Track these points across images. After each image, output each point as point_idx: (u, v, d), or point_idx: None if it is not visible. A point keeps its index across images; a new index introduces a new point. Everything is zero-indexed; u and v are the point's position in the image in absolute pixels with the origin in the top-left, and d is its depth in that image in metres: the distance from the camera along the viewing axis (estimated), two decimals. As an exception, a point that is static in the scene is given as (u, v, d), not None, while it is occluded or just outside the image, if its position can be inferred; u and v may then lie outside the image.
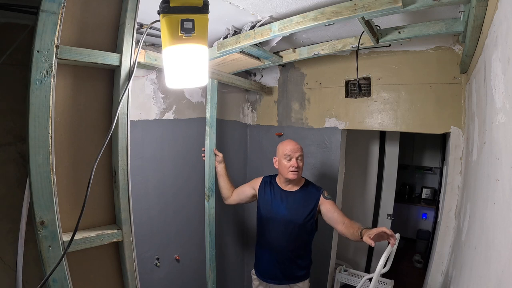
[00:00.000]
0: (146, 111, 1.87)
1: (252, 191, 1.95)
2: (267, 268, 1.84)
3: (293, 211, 1.76)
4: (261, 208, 1.87)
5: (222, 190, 2.05)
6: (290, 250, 1.78)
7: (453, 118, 1.82)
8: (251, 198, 1.97)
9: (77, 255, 0.99)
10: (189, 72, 1.06)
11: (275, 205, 1.81)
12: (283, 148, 1.79)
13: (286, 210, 1.77)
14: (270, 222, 1.81)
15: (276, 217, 1.78)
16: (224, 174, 2.05)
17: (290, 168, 1.74)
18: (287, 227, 1.75)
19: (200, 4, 0.96)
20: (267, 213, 1.82)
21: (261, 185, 1.92)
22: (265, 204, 1.85)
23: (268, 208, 1.82)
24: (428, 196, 4.60)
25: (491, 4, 0.90)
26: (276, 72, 2.56)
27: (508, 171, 0.71)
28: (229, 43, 1.67)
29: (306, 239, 1.81)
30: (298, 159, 1.75)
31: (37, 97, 0.84)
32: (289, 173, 1.74)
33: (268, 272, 1.84)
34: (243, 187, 2.01)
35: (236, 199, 2.02)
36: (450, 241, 1.84)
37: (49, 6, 0.84)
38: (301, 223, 1.74)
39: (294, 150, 1.76)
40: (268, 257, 1.83)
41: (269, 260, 1.82)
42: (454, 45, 1.82)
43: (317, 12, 1.33)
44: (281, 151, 1.79)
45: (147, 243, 1.90)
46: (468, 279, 1.09)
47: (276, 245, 1.79)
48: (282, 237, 1.77)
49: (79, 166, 1.03)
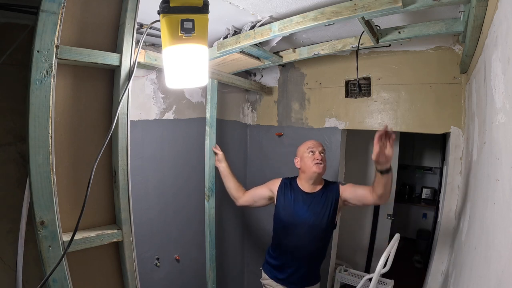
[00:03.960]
0: (146, 111, 1.87)
1: (268, 193, 1.82)
2: (288, 273, 1.73)
3: (317, 214, 1.66)
4: (281, 212, 1.75)
5: (230, 191, 1.95)
6: (312, 254, 1.70)
7: (453, 118, 1.82)
8: (267, 201, 1.85)
9: (77, 255, 0.99)
10: (189, 72, 1.06)
11: (297, 208, 1.70)
12: (304, 145, 1.75)
13: (310, 213, 1.67)
14: (292, 227, 1.69)
15: (299, 221, 1.67)
16: (228, 173, 1.96)
17: (314, 161, 1.66)
18: (312, 231, 1.66)
19: (200, 4, 0.96)
20: (288, 217, 1.71)
21: (280, 187, 1.79)
22: (286, 208, 1.73)
23: (290, 212, 1.71)
24: (428, 196, 4.60)
25: (491, 4, 0.90)
26: (276, 72, 2.56)
27: (508, 171, 0.71)
28: (229, 43, 1.67)
29: (327, 240, 1.74)
30: (321, 153, 1.70)
31: (37, 97, 0.84)
32: (314, 166, 1.65)
33: (289, 277, 1.73)
34: (257, 189, 1.89)
35: (249, 200, 1.90)
36: (450, 241, 1.83)
37: (49, 6, 0.84)
38: (325, 226, 1.67)
39: (316, 144, 1.72)
40: (289, 262, 1.72)
41: (290, 265, 1.72)
42: (454, 45, 1.82)
43: (317, 12, 1.33)
44: (302, 148, 1.74)
45: (147, 243, 1.90)
46: (468, 279, 1.09)
47: (299, 249, 1.69)
48: (305, 242, 1.67)
49: (79, 166, 1.03)
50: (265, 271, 1.86)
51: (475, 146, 1.31)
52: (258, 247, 2.74)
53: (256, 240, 2.77)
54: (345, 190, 1.68)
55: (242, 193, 1.92)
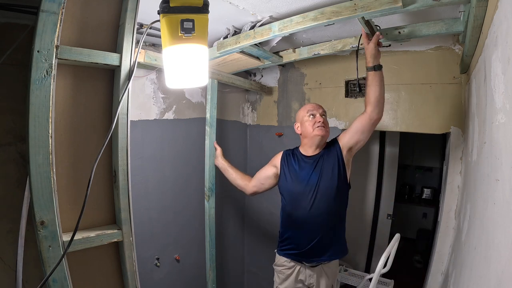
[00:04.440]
0: (146, 111, 1.87)
1: (273, 170, 1.74)
2: (307, 244, 1.60)
3: (326, 174, 1.58)
4: (288, 182, 1.66)
5: (235, 182, 1.87)
6: (330, 217, 1.59)
7: (453, 118, 1.82)
8: (273, 180, 1.75)
9: (77, 255, 0.99)
10: (189, 72, 1.06)
11: (304, 174, 1.62)
12: (303, 109, 1.68)
13: (318, 175, 1.59)
14: (302, 194, 1.60)
15: (309, 186, 1.59)
16: (228, 166, 1.92)
17: (316, 124, 1.58)
18: (324, 193, 1.57)
19: (200, 4, 0.96)
20: (297, 185, 1.62)
21: (282, 159, 1.72)
22: (292, 177, 1.65)
23: (297, 179, 1.63)
24: (428, 196, 4.60)
25: (491, 4, 0.90)
26: (276, 72, 2.56)
27: (508, 171, 0.71)
28: (229, 43, 1.67)
29: (342, 201, 1.64)
30: (322, 116, 1.63)
31: (37, 97, 0.85)
32: (315, 129, 1.58)
33: (309, 251, 1.61)
34: (261, 170, 1.80)
35: (257, 185, 1.80)
36: (450, 241, 1.83)
37: (49, 6, 0.84)
38: (336, 184, 1.57)
39: (316, 107, 1.65)
40: (307, 232, 1.60)
41: (308, 235, 1.59)
42: (454, 45, 1.82)
43: (317, 12, 1.33)
44: (302, 112, 1.67)
45: (147, 243, 1.90)
46: (468, 279, 1.09)
47: (314, 216, 1.57)
48: (319, 206, 1.57)
49: (79, 166, 1.03)
50: (281, 251, 1.74)
51: (475, 146, 1.31)
52: (258, 247, 2.74)
53: (256, 240, 2.77)
54: (342, 136, 1.62)
55: (248, 180, 1.86)
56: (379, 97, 1.47)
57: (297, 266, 1.69)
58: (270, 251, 2.64)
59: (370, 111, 1.49)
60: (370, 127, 1.54)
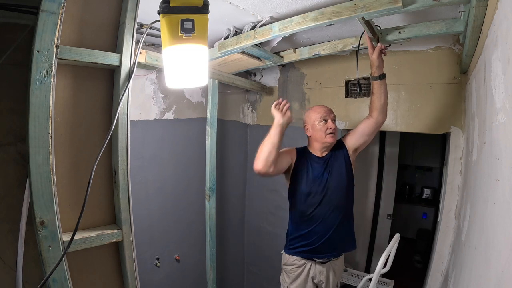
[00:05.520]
0: (146, 111, 1.87)
1: (289, 161, 1.67)
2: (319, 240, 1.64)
3: (336, 175, 1.65)
4: (302, 182, 1.67)
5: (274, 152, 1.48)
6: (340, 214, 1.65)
7: (453, 118, 1.82)
8: (286, 166, 1.65)
9: (77, 255, 0.99)
10: (189, 72, 1.06)
11: (316, 174, 1.66)
12: (315, 112, 1.67)
13: (328, 175, 1.64)
14: (315, 194, 1.64)
15: (321, 186, 1.64)
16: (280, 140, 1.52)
17: (327, 131, 1.61)
18: (334, 192, 1.63)
19: (200, 4, 0.96)
20: (309, 186, 1.65)
21: (297, 156, 1.70)
22: (305, 177, 1.67)
23: (311, 180, 1.66)
24: (428, 196, 4.59)
25: (491, 4, 0.90)
26: (276, 72, 2.56)
27: (508, 171, 0.70)
28: (230, 44, 1.67)
29: (350, 199, 1.71)
30: (333, 121, 1.66)
31: (37, 97, 0.85)
32: (327, 136, 1.61)
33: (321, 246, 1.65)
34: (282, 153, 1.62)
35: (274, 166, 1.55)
36: (450, 241, 1.83)
37: (49, 6, 0.84)
38: (345, 184, 1.65)
39: (328, 111, 1.66)
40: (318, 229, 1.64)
41: (319, 231, 1.64)
42: (454, 45, 1.82)
43: (318, 13, 1.33)
44: (314, 115, 1.66)
45: (147, 243, 1.90)
46: (468, 279, 1.09)
47: (326, 216, 1.63)
48: (332, 205, 1.63)
49: (79, 166, 1.03)
50: (291, 250, 1.74)
51: (475, 146, 1.31)
52: (258, 247, 2.74)
53: (257, 240, 2.77)
54: (349, 139, 1.69)
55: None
56: (384, 104, 1.58)
57: (307, 263, 1.72)
58: (270, 251, 2.65)
59: (376, 116, 1.60)
60: (376, 129, 1.65)
